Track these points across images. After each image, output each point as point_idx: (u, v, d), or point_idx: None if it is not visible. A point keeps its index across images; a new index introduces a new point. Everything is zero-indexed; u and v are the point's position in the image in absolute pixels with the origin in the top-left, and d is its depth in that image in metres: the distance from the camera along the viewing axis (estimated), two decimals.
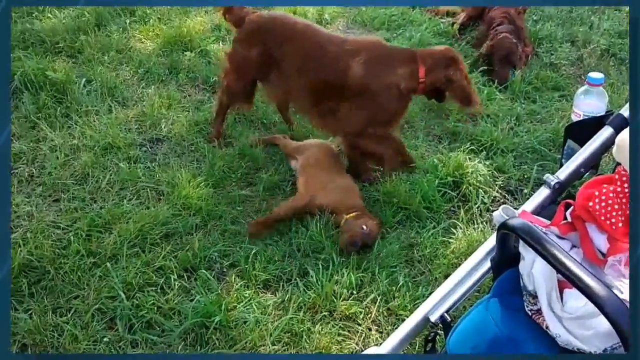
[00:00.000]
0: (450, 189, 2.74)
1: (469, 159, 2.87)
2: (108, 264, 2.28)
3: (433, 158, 2.90)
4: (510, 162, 2.91)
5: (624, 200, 1.44)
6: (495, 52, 3.56)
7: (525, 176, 2.86)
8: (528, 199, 1.68)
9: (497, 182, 2.82)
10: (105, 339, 2.03)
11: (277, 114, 3.24)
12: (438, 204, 2.65)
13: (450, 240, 2.48)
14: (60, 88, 3.20)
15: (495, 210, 2.69)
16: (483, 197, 2.71)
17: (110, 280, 2.22)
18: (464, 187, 2.74)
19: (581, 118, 2.00)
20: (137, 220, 2.46)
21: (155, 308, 2.13)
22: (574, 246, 1.55)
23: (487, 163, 2.87)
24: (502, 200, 2.76)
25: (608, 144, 1.64)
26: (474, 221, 2.61)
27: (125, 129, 3.05)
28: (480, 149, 2.97)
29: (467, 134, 3.13)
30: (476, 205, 2.67)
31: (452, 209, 2.69)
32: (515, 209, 1.66)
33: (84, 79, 3.34)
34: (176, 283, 2.23)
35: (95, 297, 2.17)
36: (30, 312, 2.11)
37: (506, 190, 2.81)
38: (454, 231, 2.53)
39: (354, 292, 2.22)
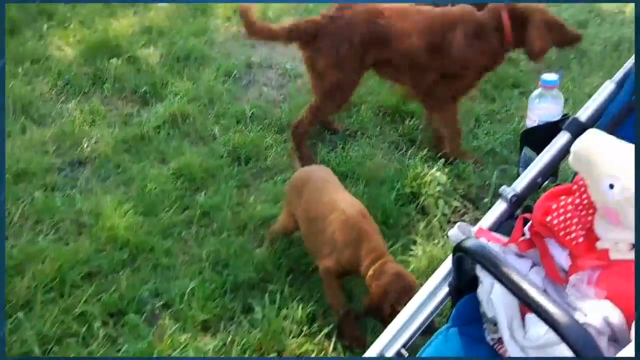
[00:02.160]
0: (408, 200, 2.71)
1: (428, 166, 2.84)
2: (20, 314, 2.13)
3: (391, 167, 2.88)
4: (470, 167, 2.89)
5: (583, 213, 1.45)
6: None
7: (487, 183, 2.85)
8: (490, 207, 1.68)
9: (457, 191, 2.80)
10: None
11: (216, 125, 3.17)
12: (396, 218, 2.61)
13: (409, 259, 2.41)
14: None
15: (457, 221, 2.72)
16: (443, 207, 2.68)
17: (23, 332, 2.07)
18: (423, 198, 2.70)
19: (536, 124, 1.99)
20: (54, 259, 2.31)
21: None
22: (534, 264, 1.55)
23: (447, 170, 2.84)
24: (463, 211, 2.73)
25: (565, 151, 1.64)
26: (434, 236, 2.56)
27: (41, 151, 2.91)
28: (439, 155, 2.94)
29: (425, 138, 3.12)
30: (436, 218, 2.63)
31: (410, 222, 2.64)
32: (474, 223, 1.66)
33: None
34: (100, 331, 2.10)
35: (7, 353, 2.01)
36: None
37: (467, 199, 2.79)
38: (413, 248, 2.47)
39: (305, 327, 2.14)
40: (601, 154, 1.37)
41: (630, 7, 4.25)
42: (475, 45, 2.81)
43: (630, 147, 1.40)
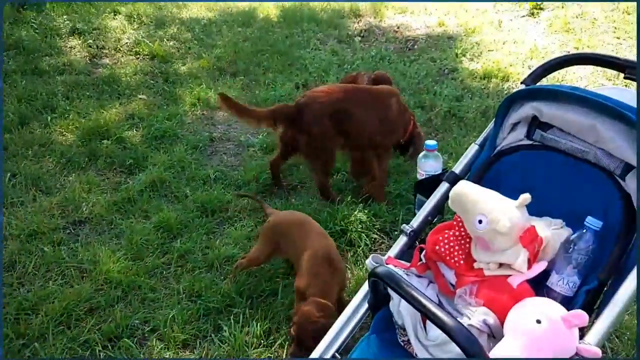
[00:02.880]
0: (339, 236, 2.72)
1: (352, 209, 2.86)
2: (36, 344, 2.05)
3: (324, 211, 2.89)
4: (384, 208, 2.92)
5: (463, 242, 1.50)
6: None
7: (397, 219, 2.88)
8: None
9: (375, 226, 2.81)
10: None
11: (187, 187, 3.13)
12: None
13: None
14: None
15: (377, 249, 2.77)
16: (365, 240, 2.70)
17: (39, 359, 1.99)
18: (350, 233, 2.71)
19: (424, 177, 2.07)
20: (62, 299, 2.24)
21: None
22: (430, 282, 1.59)
23: (366, 211, 2.86)
24: (380, 241, 2.75)
25: (446, 196, 1.70)
26: (359, 262, 2.58)
27: (49, 215, 2.82)
28: (360, 200, 2.98)
29: (349, 189, 3.15)
30: (360, 248, 2.65)
31: (341, 253, 2.67)
32: (384, 254, 1.68)
33: (9, 173, 3.09)
34: (101, 354, 2.04)
35: None
36: None
37: (383, 232, 2.80)
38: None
39: (263, 340, 2.12)
40: (470, 198, 1.41)
41: (493, 84, 4.45)
42: (400, 117, 3.02)
43: (491, 192, 1.47)
